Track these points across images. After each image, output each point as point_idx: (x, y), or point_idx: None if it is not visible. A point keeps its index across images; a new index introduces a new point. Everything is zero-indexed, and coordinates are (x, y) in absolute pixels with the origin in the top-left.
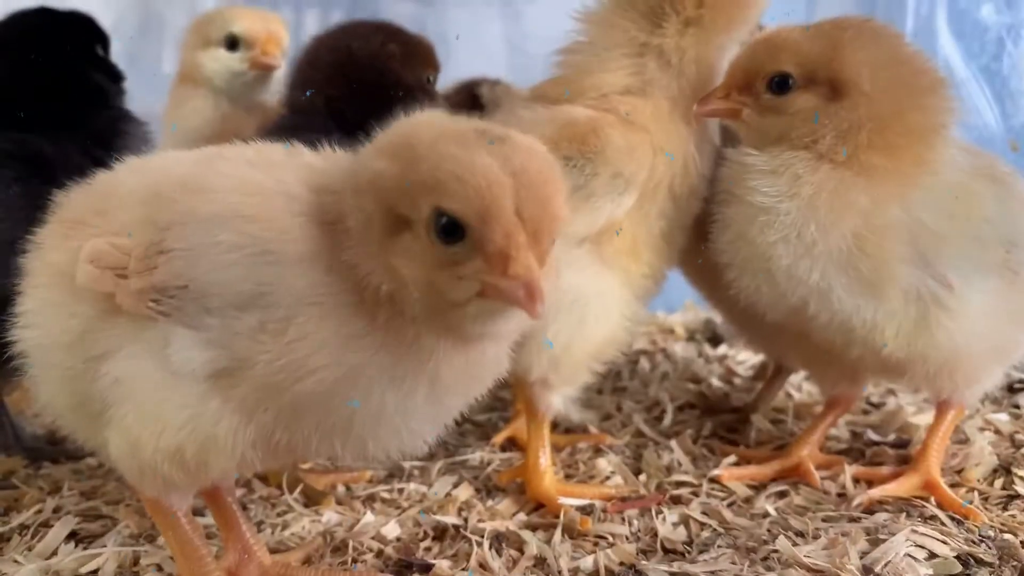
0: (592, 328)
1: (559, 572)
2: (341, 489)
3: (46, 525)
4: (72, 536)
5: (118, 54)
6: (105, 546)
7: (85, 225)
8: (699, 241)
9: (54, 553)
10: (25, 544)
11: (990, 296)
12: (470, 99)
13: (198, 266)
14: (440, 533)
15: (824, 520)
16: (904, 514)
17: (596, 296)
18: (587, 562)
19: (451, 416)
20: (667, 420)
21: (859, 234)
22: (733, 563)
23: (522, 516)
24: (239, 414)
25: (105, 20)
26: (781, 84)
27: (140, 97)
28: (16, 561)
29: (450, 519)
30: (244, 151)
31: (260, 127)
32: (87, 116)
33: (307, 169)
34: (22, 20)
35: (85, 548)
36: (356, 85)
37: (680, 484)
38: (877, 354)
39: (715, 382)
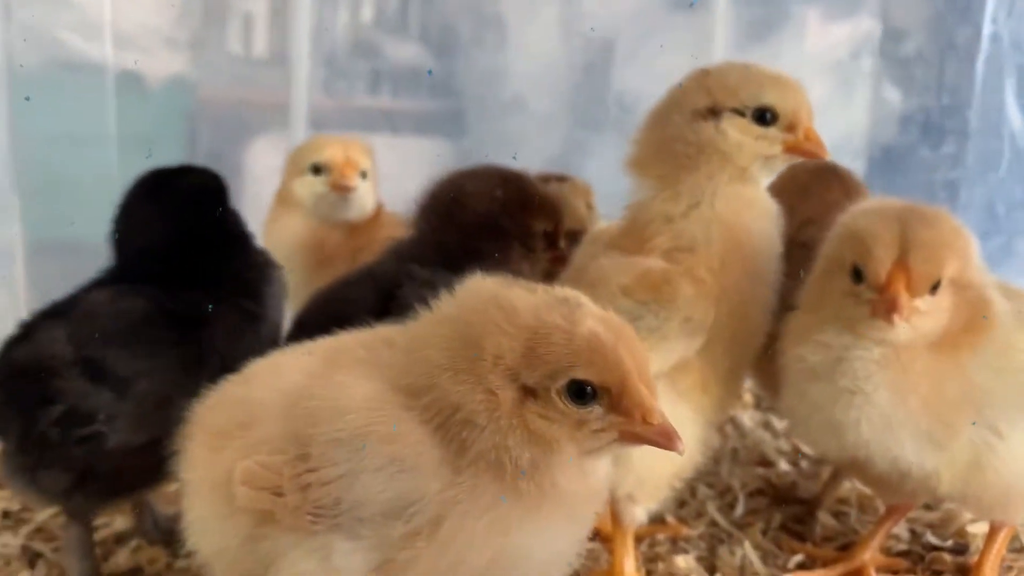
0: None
1: None
2: None
3: None
4: None
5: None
6: None
7: (230, 437)
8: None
9: None
10: None
11: None
12: None
13: (347, 486)
14: None
15: None
16: None
17: (675, 424)
18: None
19: (585, 538)
20: (739, 509)
21: (931, 403)
22: None
23: None
24: None
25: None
26: (934, 287)
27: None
28: None
29: None
30: (344, 352)
31: (358, 247)
32: (237, 267)
33: (390, 369)
34: (158, 177)
35: None
36: (459, 225)
37: None
38: (931, 491)
39: (783, 466)
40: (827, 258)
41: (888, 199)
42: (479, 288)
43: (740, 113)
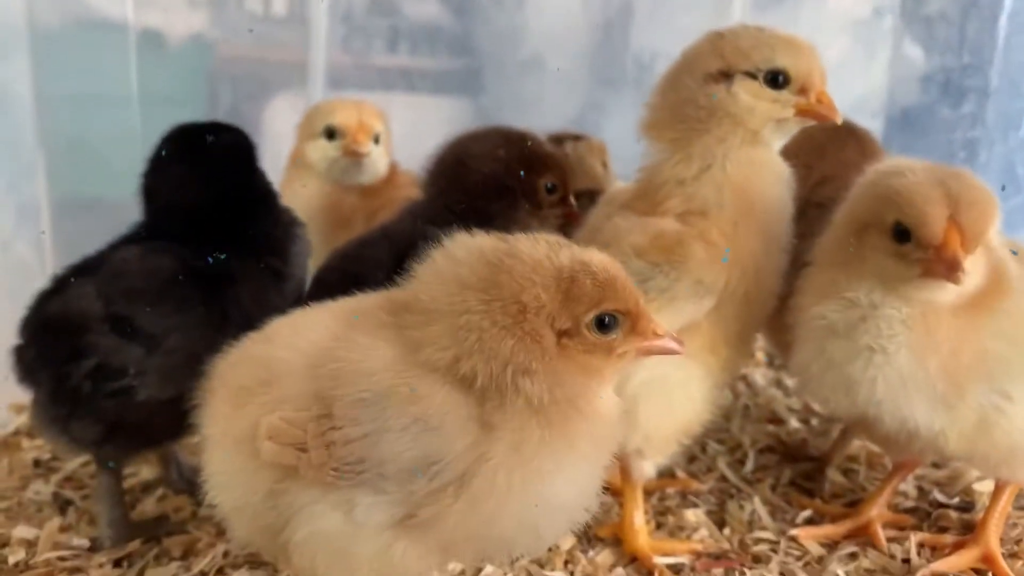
0: (679, 410)
1: None
2: None
3: (222, 573)
4: None
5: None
6: None
7: (252, 394)
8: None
9: None
10: None
11: None
12: None
13: (371, 445)
14: None
15: None
16: None
17: (682, 383)
18: None
19: (599, 481)
20: (749, 465)
21: (948, 366)
22: None
23: (620, 571)
24: (427, 550)
25: None
26: None
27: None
28: None
29: (558, 574)
30: (365, 315)
31: (373, 209)
32: (264, 226)
33: (417, 337)
34: (189, 135)
35: None
36: (466, 187)
37: (760, 541)
38: (939, 450)
39: (793, 423)
40: (856, 217)
41: (908, 159)
42: (480, 248)
43: (752, 76)
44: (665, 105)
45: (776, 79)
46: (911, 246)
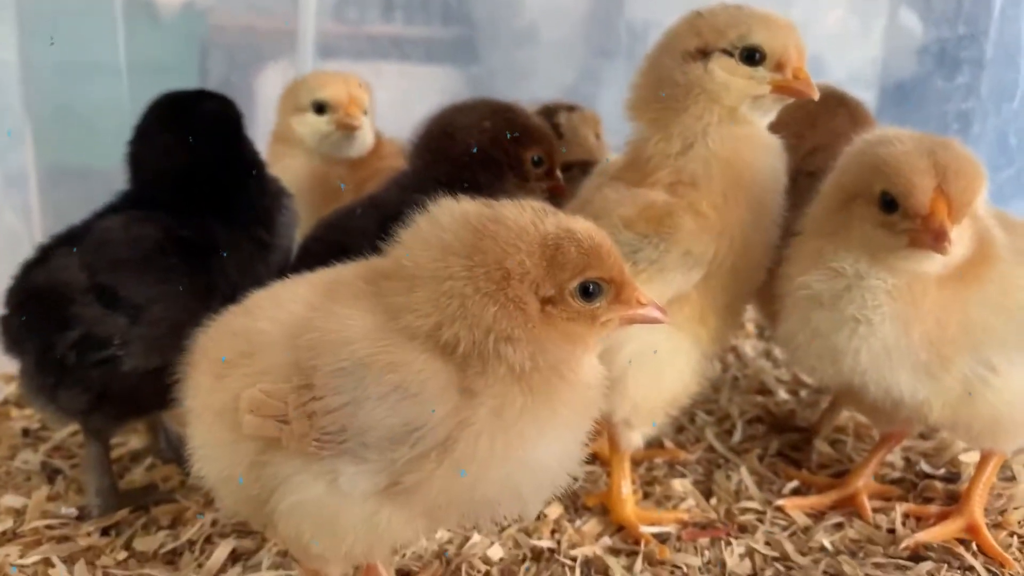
0: (667, 381)
1: None
2: None
3: (209, 541)
4: (231, 552)
5: None
6: (261, 562)
7: (233, 366)
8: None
9: (221, 570)
10: (195, 560)
11: None
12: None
13: (352, 414)
14: (537, 555)
15: (874, 566)
16: (945, 565)
17: (671, 354)
18: None
19: (582, 447)
20: (736, 436)
21: (932, 337)
22: None
23: (607, 539)
24: (412, 516)
25: None
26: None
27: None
28: None
29: (545, 543)
30: (344, 285)
31: (360, 180)
32: (251, 195)
33: (397, 304)
34: (175, 103)
35: (245, 565)
36: (452, 159)
37: (746, 511)
38: (923, 419)
39: (782, 394)
40: (843, 187)
41: (899, 129)
42: (465, 213)
43: (729, 53)
44: (646, 84)
45: (752, 56)
46: (898, 216)
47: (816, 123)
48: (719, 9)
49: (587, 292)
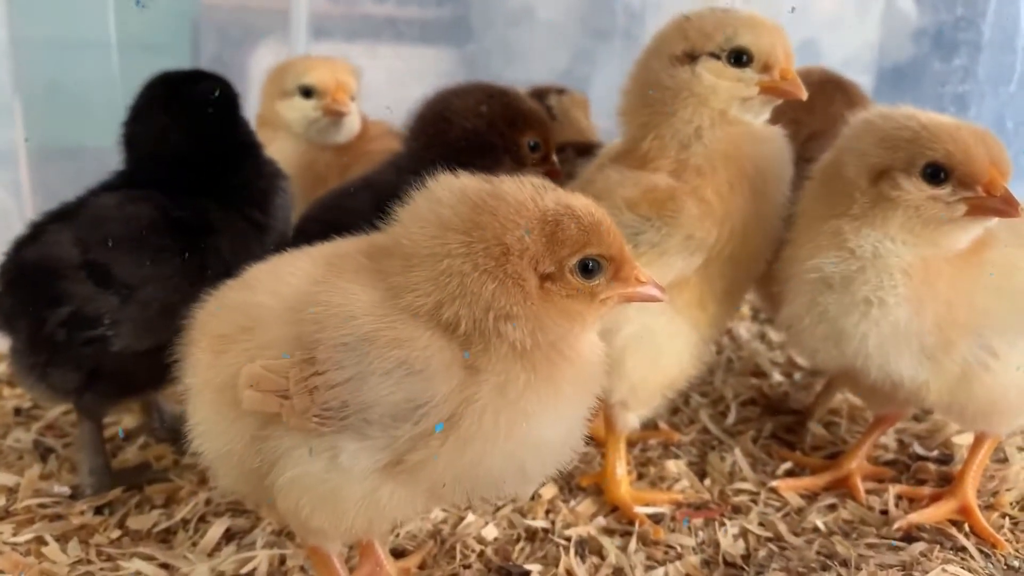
0: (665, 364)
1: None
2: None
3: (204, 520)
4: (226, 531)
5: None
6: (255, 541)
7: (233, 341)
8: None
9: (216, 549)
10: (189, 539)
11: None
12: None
13: (354, 390)
14: (531, 535)
15: (867, 546)
16: (938, 546)
17: (669, 337)
18: (658, 573)
19: (584, 424)
20: (731, 418)
21: (941, 319)
22: None
23: (601, 520)
24: (415, 493)
25: None
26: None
27: None
28: (187, 558)
29: (539, 523)
30: (345, 259)
31: (346, 164)
32: (247, 176)
33: (396, 282)
34: (171, 83)
35: (239, 544)
36: (448, 143)
37: (740, 492)
38: (920, 401)
39: (776, 377)
40: (868, 165)
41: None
42: (463, 188)
43: (716, 56)
44: (635, 89)
45: (739, 58)
46: (950, 186)
47: (814, 109)
48: (706, 12)
49: (587, 269)
